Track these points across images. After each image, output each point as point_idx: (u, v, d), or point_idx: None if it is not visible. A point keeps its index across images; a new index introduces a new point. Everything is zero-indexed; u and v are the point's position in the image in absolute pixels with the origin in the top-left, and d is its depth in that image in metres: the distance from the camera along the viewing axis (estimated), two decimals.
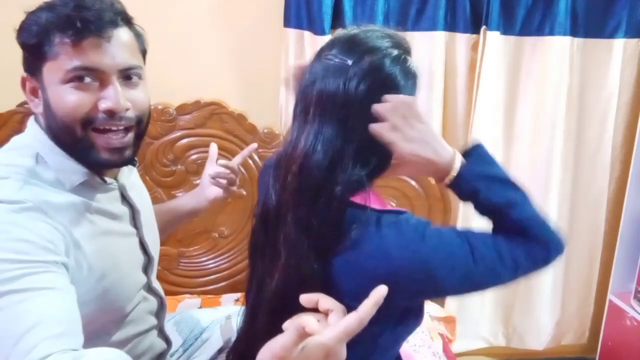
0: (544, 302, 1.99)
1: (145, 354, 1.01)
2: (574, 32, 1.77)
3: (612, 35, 1.80)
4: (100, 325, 0.89)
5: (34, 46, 0.82)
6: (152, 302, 1.03)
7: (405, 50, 0.84)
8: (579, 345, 2.14)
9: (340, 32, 0.88)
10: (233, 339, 1.21)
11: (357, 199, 0.77)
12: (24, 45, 0.83)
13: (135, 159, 0.95)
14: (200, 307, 1.56)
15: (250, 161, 1.62)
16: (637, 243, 1.85)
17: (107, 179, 0.91)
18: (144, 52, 0.92)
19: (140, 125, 0.89)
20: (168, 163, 1.61)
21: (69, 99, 0.81)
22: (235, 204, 1.65)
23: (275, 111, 1.80)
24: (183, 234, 1.66)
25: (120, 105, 0.83)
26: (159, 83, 1.68)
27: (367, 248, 0.74)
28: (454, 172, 0.80)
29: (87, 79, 0.81)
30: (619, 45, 1.80)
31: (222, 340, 1.20)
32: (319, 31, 1.65)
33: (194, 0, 1.71)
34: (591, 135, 1.91)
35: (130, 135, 0.88)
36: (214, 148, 1.24)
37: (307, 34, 1.69)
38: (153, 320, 1.04)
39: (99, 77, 0.82)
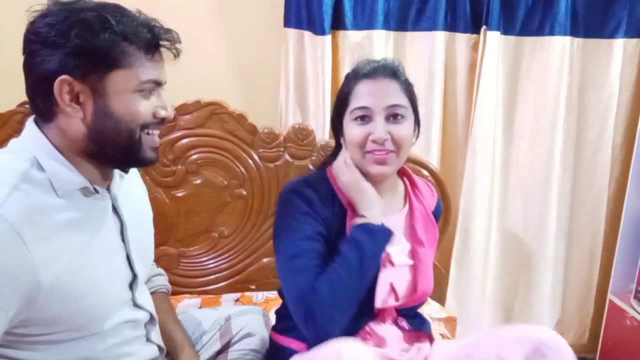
0: (544, 302, 1.99)
1: (129, 355, 0.99)
2: (574, 32, 1.77)
3: (612, 35, 1.80)
4: (77, 337, 0.89)
5: (102, 52, 0.82)
6: (140, 317, 1.00)
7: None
8: (579, 345, 2.14)
9: None
10: (233, 340, 1.21)
11: None
12: (79, 48, 0.80)
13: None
14: (200, 307, 1.56)
15: (250, 161, 1.62)
16: (637, 243, 1.86)
17: (99, 189, 0.92)
18: None
19: None
20: (168, 163, 1.61)
21: (139, 107, 0.87)
22: (235, 204, 1.65)
23: (275, 111, 1.80)
24: (183, 234, 1.66)
25: (172, 114, 0.94)
26: None
27: None
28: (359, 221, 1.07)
29: (152, 90, 0.89)
30: (619, 45, 1.81)
31: (220, 343, 1.20)
32: (319, 31, 1.65)
33: (194, 1, 1.71)
34: (591, 135, 1.91)
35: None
36: None
37: (307, 34, 1.69)
38: (140, 332, 1.01)
39: (157, 88, 0.91)
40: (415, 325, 1.18)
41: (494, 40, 1.73)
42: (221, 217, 1.66)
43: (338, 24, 1.68)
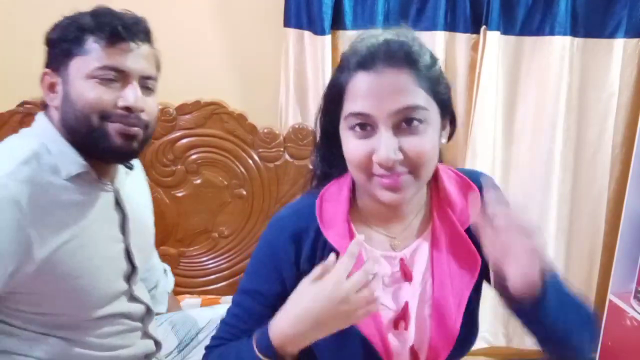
0: None
1: (125, 347, 1.01)
2: (574, 32, 1.77)
3: (612, 35, 1.79)
4: (70, 321, 0.92)
5: (67, 43, 0.91)
6: (136, 310, 1.03)
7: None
8: None
9: None
10: None
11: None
12: (55, 42, 0.92)
13: (131, 162, 1.03)
14: (200, 307, 1.56)
15: (250, 161, 1.62)
16: (637, 243, 1.85)
17: (103, 179, 0.96)
18: (158, 69, 1.02)
19: (147, 130, 0.97)
20: (168, 163, 1.61)
21: (92, 92, 0.90)
22: (235, 204, 1.65)
23: (275, 111, 1.80)
24: (183, 234, 1.66)
25: (138, 105, 0.92)
26: (159, 83, 1.69)
27: None
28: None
29: (111, 78, 0.91)
30: (619, 45, 1.80)
31: None
32: (319, 31, 1.65)
33: (194, 0, 1.71)
34: (591, 135, 1.90)
35: (139, 131, 0.95)
36: None
37: (307, 33, 1.69)
38: (136, 325, 1.03)
39: (122, 78, 0.92)
40: None
41: (494, 40, 1.72)
42: (221, 217, 1.66)
43: (338, 24, 1.68)
